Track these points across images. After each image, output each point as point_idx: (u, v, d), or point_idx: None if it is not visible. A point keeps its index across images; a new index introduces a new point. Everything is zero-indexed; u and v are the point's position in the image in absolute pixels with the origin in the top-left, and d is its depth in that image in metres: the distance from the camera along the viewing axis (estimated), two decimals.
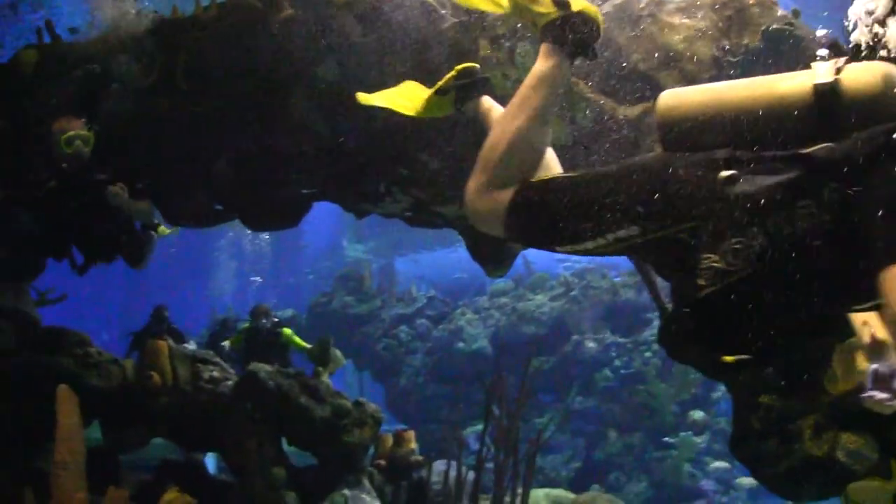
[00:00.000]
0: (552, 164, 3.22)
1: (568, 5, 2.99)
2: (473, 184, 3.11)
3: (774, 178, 2.33)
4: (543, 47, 3.07)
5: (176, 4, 7.33)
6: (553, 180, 2.89)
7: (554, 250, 2.89)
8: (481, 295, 24.61)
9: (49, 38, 7.51)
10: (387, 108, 3.89)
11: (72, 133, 6.59)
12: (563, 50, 3.00)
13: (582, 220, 2.66)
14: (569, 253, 2.84)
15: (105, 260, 7.56)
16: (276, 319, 12.00)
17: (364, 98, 3.91)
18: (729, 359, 2.86)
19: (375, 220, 7.86)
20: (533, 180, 2.90)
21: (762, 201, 2.29)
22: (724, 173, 2.38)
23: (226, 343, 12.14)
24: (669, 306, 6.55)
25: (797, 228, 2.25)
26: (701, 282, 2.37)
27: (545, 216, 2.80)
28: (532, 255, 6.68)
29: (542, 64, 3.07)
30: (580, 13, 2.98)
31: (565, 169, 3.17)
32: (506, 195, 2.89)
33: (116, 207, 6.87)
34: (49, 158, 6.71)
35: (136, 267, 7.61)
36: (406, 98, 3.88)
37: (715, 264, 2.34)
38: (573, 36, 2.97)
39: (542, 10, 3.07)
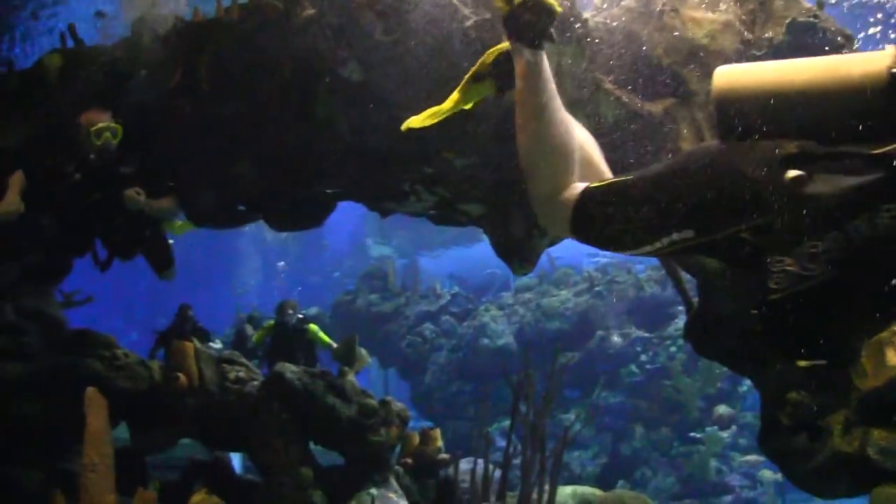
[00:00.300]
0: (597, 162, 3.19)
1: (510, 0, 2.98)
2: (530, 191, 3.09)
3: (854, 180, 2.23)
4: (511, 46, 3.10)
5: (197, 6, 7.36)
6: (612, 185, 2.84)
7: (622, 252, 2.85)
8: (505, 291, 24.58)
9: (72, 42, 7.53)
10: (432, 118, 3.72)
11: (101, 125, 6.59)
12: (525, 42, 2.98)
13: (639, 224, 2.61)
14: (636, 255, 2.80)
15: (126, 256, 7.63)
16: (301, 315, 11.96)
17: (414, 123, 3.76)
18: (803, 364, 2.79)
19: (398, 218, 7.84)
20: (592, 185, 2.86)
21: (842, 204, 2.20)
22: (792, 174, 2.30)
23: (252, 334, 12.18)
24: (695, 301, 6.53)
25: (879, 232, 2.17)
26: (772, 285, 2.29)
27: (606, 222, 2.76)
28: (556, 250, 6.61)
29: (516, 63, 3.06)
30: (525, 2, 2.96)
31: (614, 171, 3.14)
32: (568, 200, 2.86)
33: (137, 212, 6.90)
34: (75, 151, 6.71)
35: (164, 275, 7.74)
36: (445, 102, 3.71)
37: (789, 268, 2.27)
38: (527, 26, 2.95)
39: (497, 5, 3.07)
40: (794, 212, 2.27)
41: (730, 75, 2.68)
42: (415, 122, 3.74)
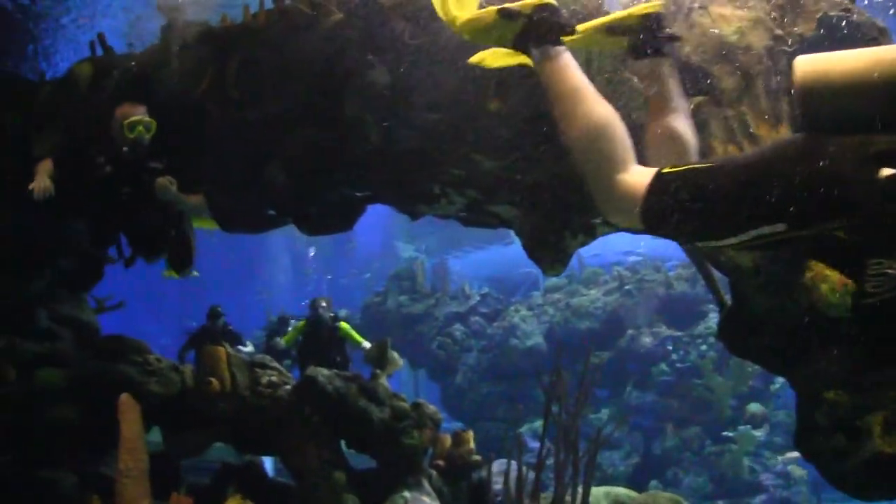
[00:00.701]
0: (677, 143, 3.12)
1: (518, 12, 2.96)
2: (591, 184, 3.05)
3: None
4: (534, 55, 3.12)
5: (225, 12, 7.38)
6: (689, 171, 2.72)
7: (694, 244, 2.77)
8: (535, 291, 24.53)
9: (102, 50, 7.57)
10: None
11: (135, 118, 6.62)
12: (548, 43, 2.97)
13: (721, 215, 2.52)
14: (710, 248, 2.71)
15: (150, 254, 7.70)
16: (333, 313, 11.91)
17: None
18: None
19: (427, 219, 7.82)
20: (665, 170, 2.75)
21: None
22: (887, 172, 2.20)
23: (280, 339, 12.16)
24: (728, 300, 6.48)
25: None
26: (870, 289, 2.21)
27: (682, 210, 2.63)
28: (584, 249, 6.58)
29: (542, 64, 3.04)
30: (539, 6, 2.95)
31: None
32: (635, 186, 2.76)
33: (166, 203, 6.95)
34: (107, 145, 6.73)
35: (182, 272, 7.77)
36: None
37: (890, 271, 2.20)
38: (548, 26, 2.94)
39: (503, 29, 3.04)
40: (890, 212, 2.19)
41: (814, 64, 2.57)
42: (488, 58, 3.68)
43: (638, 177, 2.77)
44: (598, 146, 2.88)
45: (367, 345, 11.70)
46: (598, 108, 2.95)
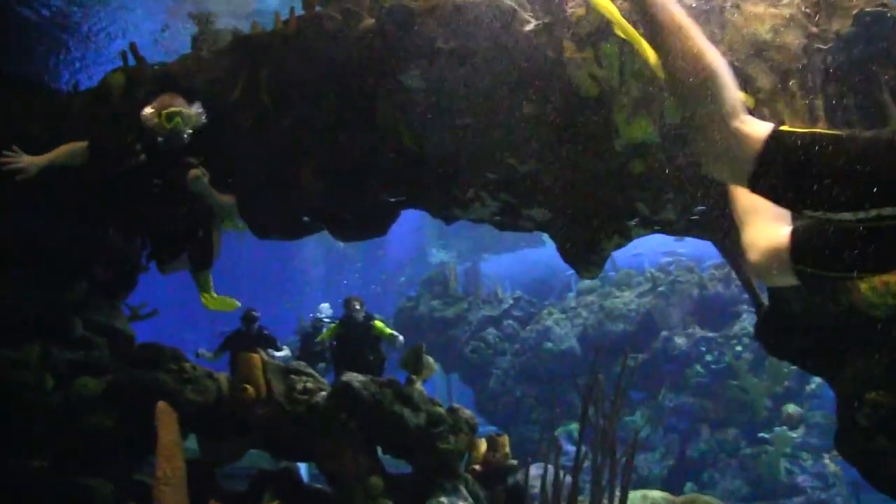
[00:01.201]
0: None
1: None
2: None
3: None
4: None
5: (255, 20, 7.41)
6: (815, 133, 2.54)
7: (799, 212, 2.61)
8: (567, 293, 24.47)
9: (134, 60, 7.61)
10: None
11: (173, 109, 6.54)
12: None
13: (843, 186, 2.38)
14: (820, 218, 2.55)
15: (173, 253, 7.59)
16: (365, 313, 11.80)
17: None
18: None
19: (458, 224, 7.81)
20: (785, 129, 2.59)
21: None
22: None
23: (321, 338, 12.12)
24: (765, 300, 6.42)
25: None
26: None
27: (799, 173, 2.49)
28: (624, 249, 6.51)
29: None
30: None
31: None
32: (753, 134, 2.57)
33: (198, 195, 6.85)
34: (143, 133, 6.64)
35: (203, 269, 7.71)
36: None
37: None
38: None
39: None
40: None
41: None
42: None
43: (754, 126, 2.62)
44: (712, 88, 2.71)
45: (401, 338, 11.71)
46: (709, 50, 2.80)
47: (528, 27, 5.98)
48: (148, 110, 6.58)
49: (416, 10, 6.19)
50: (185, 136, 6.61)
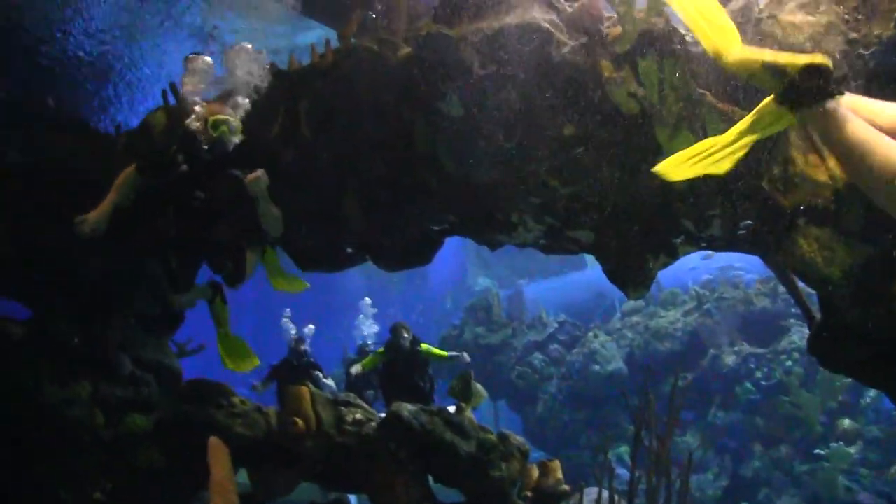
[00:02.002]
0: None
1: (784, 71, 2.88)
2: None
3: None
4: (803, 113, 2.99)
5: (293, 53, 7.44)
6: None
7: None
8: (612, 315, 24.32)
9: (174, 99, 7.67)
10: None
11: (220, 117, 6.32)
12: (818, 101, 2.89)
13: None
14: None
15: (217, 268, 7.30)
16: (412, 338, 11.55)
17: (669, 171, 3.48)
18: None
19: (499, 249, 7.77)
20: None
21: None
22: None
23: (357, 367, 11.83)
24: (817, 314, 6.32)
25: None
26: None
27: None
28: (681, 263, 6.46)
29: (816, 126, 2.97)
30: (808, 69, 2.87)
31: None
32: None
33: (250, 201, 6.54)
34: (186, 142, 6.44)
35: (235, 286, 7.37)
36: (710, 150, 3.40)
37: None
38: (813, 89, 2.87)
39: (766, 80, 2.97)
40: None
41: None
42: (673, 170, 3.47)
43: None
44: None
45: (453, 354, 11.59)
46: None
47: (565, 49, 5.97)
48: (194, 118, 6.43)
49: (452, 36, 6.20)
50: (231, 146, 6.41)
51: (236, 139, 6.40)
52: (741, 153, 3.30)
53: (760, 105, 3.23)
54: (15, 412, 7.51)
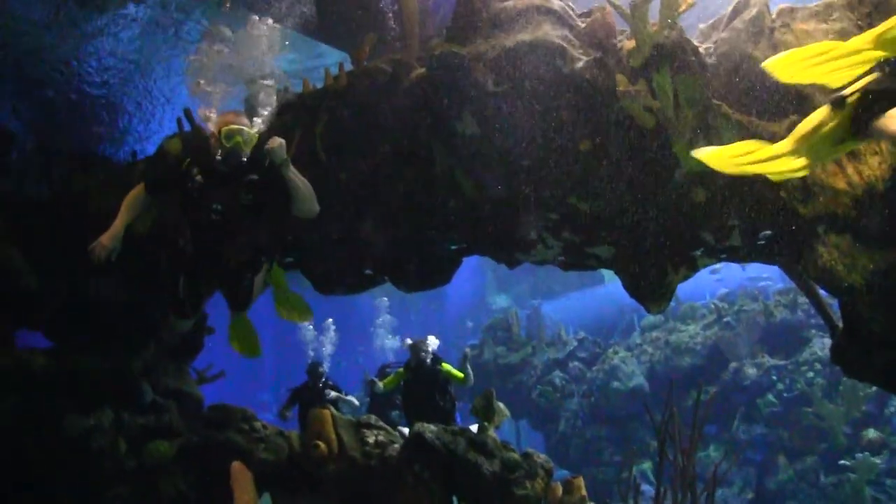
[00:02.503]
0: None
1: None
2: None
3: None
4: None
5: (306, 77, 7.47)
6: None
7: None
8: (631, 331, 24.23)
9: (189, 125, 7.71)
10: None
11: (234, 127, 5.97)
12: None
13: None
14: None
15: (230, 288, 6.87)
16: (432, 355, 11.29)
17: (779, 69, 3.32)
18: None
19: (516, 269, 7.74)
20: None
21: None
22: None
23: (378, 385, 11.60)
24: (839, 323, 6.28)
25: None
26: None
27: None
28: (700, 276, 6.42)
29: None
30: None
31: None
32: None
33: (287, 186, 6.12)
34: (199, 155, 6.16)
35: (242, 309, 7.06)
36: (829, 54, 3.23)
37: None
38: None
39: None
40: None
41: None
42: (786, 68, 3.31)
43: None
44: None
45: (470, 376, 11.28)
46: None
47: (579, 64, 5.97)
48: (210, 128, 6.26)
49: (465, 55, 6.20)
50: (244, 156, 6.06)
51: (248, 151, 6.09)
52: (860, 69, 3.20)
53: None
54: (38, 443, 7.52)
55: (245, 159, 6.05)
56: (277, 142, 5.99)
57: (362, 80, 6.91)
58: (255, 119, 6.51)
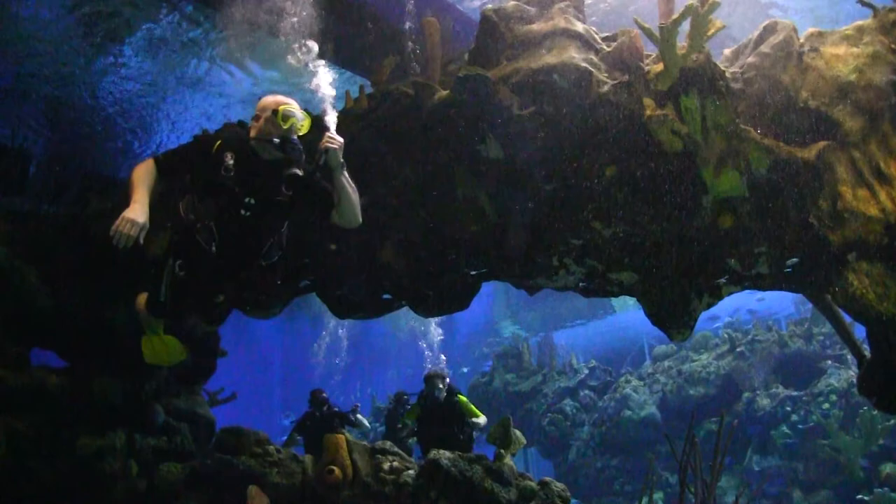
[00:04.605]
0: None
1: None
2: None
3: None
4: None
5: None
6: None
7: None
8: (642, 360, 24.13)
9: None
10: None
11: (292, 107, 5.36)
12: None
13: None
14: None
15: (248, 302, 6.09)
16: (448, 387, 10.95)
17: None
18: None
19: (525, 298, 7.65)
20: None
21: None
22: None
23: (408, 423, 11.37)
24: (867, 353, 6.19)
25: None
26: None
27: None
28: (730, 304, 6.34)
29: None
30: None
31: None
32: None
33: (338, 190, 5.46)
34: (233, 143, 5.36)
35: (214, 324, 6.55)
36: None
37: None
38: None
39: None
40: None
41: None
42: None
43: None
44: None
45: (482, 420, 10.89)
46: None
47: (605, 87, 5.92)
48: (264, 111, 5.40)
49: (490, 77, 6.14)
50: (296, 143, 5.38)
51: (301, 133, 5.44)
52: None
53: None
54: (50, 463, 7.46)
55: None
56: (339, 142, 5.43)
57: (384, 102, 6.85)
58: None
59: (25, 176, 9.36)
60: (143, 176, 5.27)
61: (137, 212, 4.99)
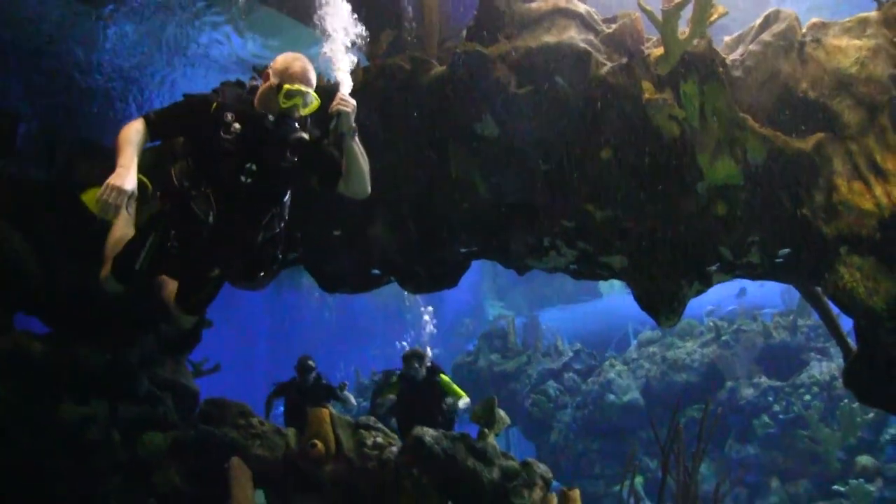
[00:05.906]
0: None
1: None
2: None
3: None
4: None
5: (321, 73, 7.36)
6: None
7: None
8: (626, 345, 24.16)
9: None
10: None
11: (298, 87, 4.88)
12: None
13: None
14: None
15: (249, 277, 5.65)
16: (429, 365, 10.77)
17: None
18: None
19: (514, 278, 7.61)
20: None
21: None
22: None
23: (391, 397, 11.10)
24: (853, 346, 6.19)
25: None
26: None
27: None
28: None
29: None
30: None
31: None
32: None
33: (348, 157, 5.17)
34: (239, 101, 5.04)
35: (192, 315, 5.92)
36: None
37: None
38: None
39: None
40: None
41: None
42: None
43: None
44: None
45: (463, 401, 10.70)
46: None
47: (604, 69, 5.88)
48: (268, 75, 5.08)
49: (488, 55, 6.10)
50: (297, 125, 5.01)
51: (304, 114, 5.08)
52: None
53: None
54: (33, 431, 7.42)
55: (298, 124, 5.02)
56: (351, 105, 5.03)
57: (380, 76, 6.78)
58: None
59: (13, 138, 9.24)
60: (130, 137, 4.83)
61: (124, 178, 4.55)
